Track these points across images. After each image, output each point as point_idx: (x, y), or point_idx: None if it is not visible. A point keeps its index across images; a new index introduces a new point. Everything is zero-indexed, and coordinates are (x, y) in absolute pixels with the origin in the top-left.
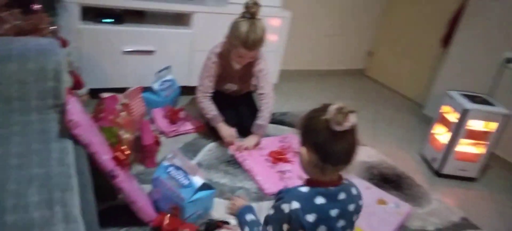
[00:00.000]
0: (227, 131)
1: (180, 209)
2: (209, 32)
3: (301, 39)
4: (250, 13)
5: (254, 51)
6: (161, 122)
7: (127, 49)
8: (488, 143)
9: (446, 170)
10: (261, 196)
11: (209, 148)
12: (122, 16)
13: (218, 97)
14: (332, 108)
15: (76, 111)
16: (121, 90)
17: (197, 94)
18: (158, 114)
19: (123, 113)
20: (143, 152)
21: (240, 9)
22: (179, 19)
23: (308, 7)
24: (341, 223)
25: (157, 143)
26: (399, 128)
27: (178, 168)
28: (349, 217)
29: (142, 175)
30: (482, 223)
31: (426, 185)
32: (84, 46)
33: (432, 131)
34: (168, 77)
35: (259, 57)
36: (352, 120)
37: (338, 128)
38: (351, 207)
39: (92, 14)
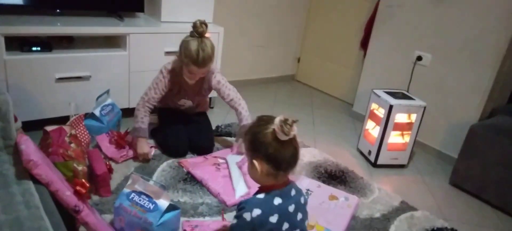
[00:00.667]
0: (144, 148)
1: None
2: (145, 52)
3: (235, 51)
4: (198, 33)
5: (204, 68)
6: (108, 148)
7: (60, 76)
8: (411, 132)
9: (381, 161)
10: (223, 208)
11: (163, 168)
12: (49, 44)
13: (172, 112)
14: (277, 120)
15: (32, 150)
16: (59, 120)
17: (140, 100)
18: (103, 141)
19: (73, 146)
20: (96, 182)
21: (173, 28)
22: (113, 42)
23: (237, 21)
24: (299, 216)
25: (110, 170)
26: (335, 127)
27: (140, 193)
28: (303, 209)
29: (99, 205)
30: (418, 203)
31: (367, 177)
32: (11, 78)
33: (365, 127)
34: (108, 101)
35: (214, 72)
36: (295, 128)
37: (285, 138)
38: (302, 199)
39: (17, 44)
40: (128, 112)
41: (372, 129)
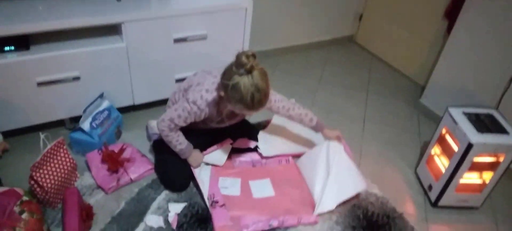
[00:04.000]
0: (197, 160)
1: None
2: (148, 42)
3: (273, 10)
4: (247, 70)
5: (260, 109)
6: (98, 172)
7: (41, 80)
8: (495, 172)
9: (444, 202)
10: None
11: (158, 205)
12: (26, 40)
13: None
14: None
15: None
16: (49, 125)
17: (161, 127)
18: (94, 160)
19: (25, 216)
20: None
21: (186, 8)
22: (106, 34)
23: None
24: None
25: (88, 216)
26: (392, 123)
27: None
28: None
29: None
30: None
31: (419, 224)
32: None
33: (430, 151)
34: (103, 106)
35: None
36: None
37: None
38: None
39: None
40: (134, 109)
41: (439, 156)
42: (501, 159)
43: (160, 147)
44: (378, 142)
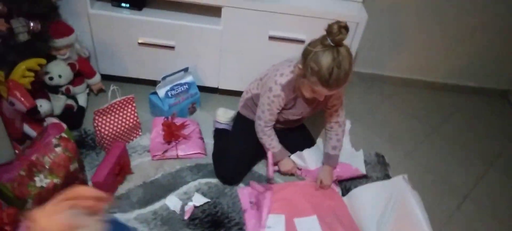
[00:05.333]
0: (287, 165)
1: None
2: (243, 31)
3: (395, 37)
4: (335, 42)
5: (336, 90)
6: (155, 137)
7: (142, 41)
8: None
9: None
10: None
11: (187, 190)
12: (142, 3)
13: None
14: None
15: None
16: (142, 82)
17: (256, 127)
18: (157, 125)
19: (58, 150)
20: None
21: (287, 7)
22: (210, 14)
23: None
24: None
25: (120, 173)
26: (502, 225)
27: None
28: None
29: None
30: None
31: None
32: (96, 32)
33: None
34: (186, 79)
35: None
36: None
37: None
38: None
39: None
40: (218, 92)
41: None
42: None
43: (220, 135)
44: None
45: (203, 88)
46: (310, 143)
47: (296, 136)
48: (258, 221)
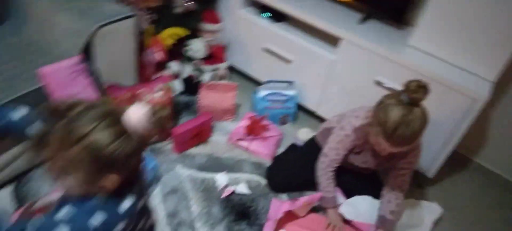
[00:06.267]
0: (333, 219)
1: None
2: (353, 67)
3: None
4: (411, 99)
5: (397, 148)
6: (241, 125)
7: (264, 47)
8: None
9: None
10: None
11: (245, 179)
12: (280, 17)
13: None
14: None
15: None
16: (251, 78)
17: (319, 164)
18: (245, 119)
19: (158, 94)
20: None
21: (399, 56)
22: (326, 40)
23: None
24: None
25: (196, 138)
26: None
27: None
28: None
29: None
30: None
31: None
32: (236, 30)
33: None
34: (286, 92)
35: (415, 148)
36: None
37: None
38: None
39: (255, 5)
40: (316, 116)
41: None
42: None
43: (291, 148)
44: None
45: (304, 108)
46: (376, 193)
47: (365, 179)
48: None
